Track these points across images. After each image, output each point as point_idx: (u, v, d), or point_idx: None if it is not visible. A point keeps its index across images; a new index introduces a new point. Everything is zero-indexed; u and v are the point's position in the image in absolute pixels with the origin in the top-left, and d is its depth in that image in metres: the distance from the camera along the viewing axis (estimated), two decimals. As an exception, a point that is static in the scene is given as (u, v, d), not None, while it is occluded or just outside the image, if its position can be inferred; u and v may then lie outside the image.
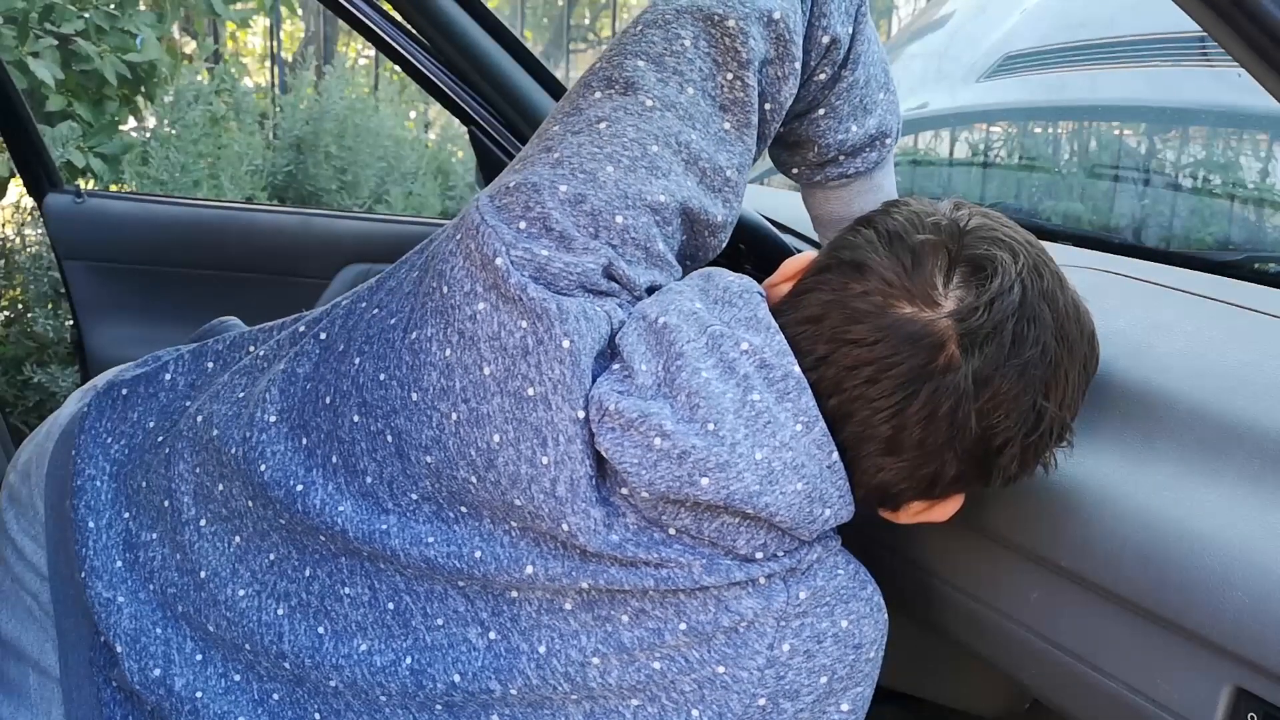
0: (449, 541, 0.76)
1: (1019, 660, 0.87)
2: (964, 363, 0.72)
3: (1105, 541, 0.76)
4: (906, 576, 0.98)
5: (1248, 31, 0.64)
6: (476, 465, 0.74)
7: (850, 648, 0.77)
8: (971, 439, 0.73)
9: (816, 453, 0.73)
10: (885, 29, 6.04)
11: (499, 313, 0.74)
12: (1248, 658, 0.68)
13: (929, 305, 0.73)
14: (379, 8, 1.59)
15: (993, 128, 1.85)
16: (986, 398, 0.72)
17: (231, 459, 0.82)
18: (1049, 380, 0.74)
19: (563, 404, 0.73)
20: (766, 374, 0.73)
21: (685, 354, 0.73)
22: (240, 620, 0.81)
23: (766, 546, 0.74)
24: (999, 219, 0.78)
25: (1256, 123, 1.42)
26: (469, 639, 0.77)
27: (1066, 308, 0.76)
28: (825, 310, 0.75)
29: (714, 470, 0.71)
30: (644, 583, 0.74)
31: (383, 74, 4.44)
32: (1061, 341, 0.75)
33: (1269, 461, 0.71)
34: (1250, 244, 1.37)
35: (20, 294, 2.70)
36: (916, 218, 0.76)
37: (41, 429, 0.96)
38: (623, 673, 0.75)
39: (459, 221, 0.79)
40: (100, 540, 0.86)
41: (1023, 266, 0.74)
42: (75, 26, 2.62)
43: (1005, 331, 0.72)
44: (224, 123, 3.31)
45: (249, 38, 4.79)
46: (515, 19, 5.82)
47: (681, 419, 0.71)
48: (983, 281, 0.73)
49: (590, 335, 0.74)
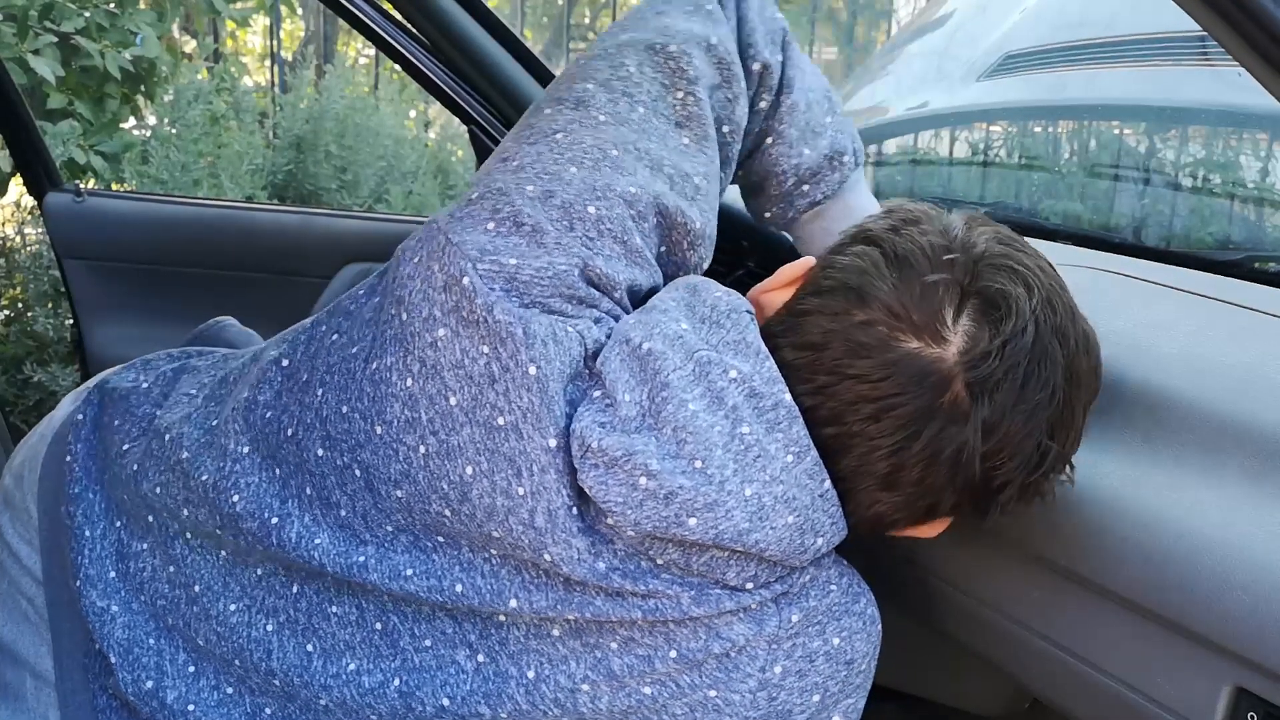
0: (428, 574, 0.75)
1: (1019, 660, 0.87)
2: (973, 410, 0.69)
3: (1105, 541, 0.76)
4: (906, 576, 0.98)
5: (1248, 31, 0.64)
6: (450, 499, 0.73)
7: (842, 664, 0.75)
8: (972, 478, 0.72)
9: (809, 483, 0.71)
10: (885, 29, 6.04)
11: (459, 339, 0.72)
12: (1248, 658, 0.68)
13: (936, 341, 0.70)
14: (379, 7, 1.59)
15: (993, 127, 1.85)
16: (992, 444, 0.71)
17: (201, 486, 0.81)
18: (1055, 421, 0.72)
19: (534, 433, 0.71)
20: (756, 404, 0.71)
21: (671, 384, 0.70)
22: (231, 635, 0.80)
23: (757, 577, 0.73)
24: (1013, 240, 0.75)
25: (1256, 122, 1.42)
26: (457, 661, 0.75)
27: (1078, 342, 0.73)
28: (826, 339, 0.72)
29: (702, 510, 0.69)
30: (631, 614, 0.72)
31: (383, 73, 4.44)
32: (1071, 380, 0.72)
33: (1269, 461, 0.71)
34: (1250, 244, 1.37)
35: (20, 293, 2.70)
36: (930, 248, 0.72)
37: (35, 432, 0.96)
38: (613, 698, 0.73)
39: (417, 244, 0.76)
40: (95, 550, 0.85)
41: (1037, 303, 0.71)
42: (76, 24, 2.62)
43: (1017, 375, 0.70)
44: (224, 122, 3.31)
45: (249, 37, 4.79)
46: (515, 18, 5.82)
47: (668, 455, 0.69)
48: (995, 322, 0.70)
49: (559, 360, 0.71)
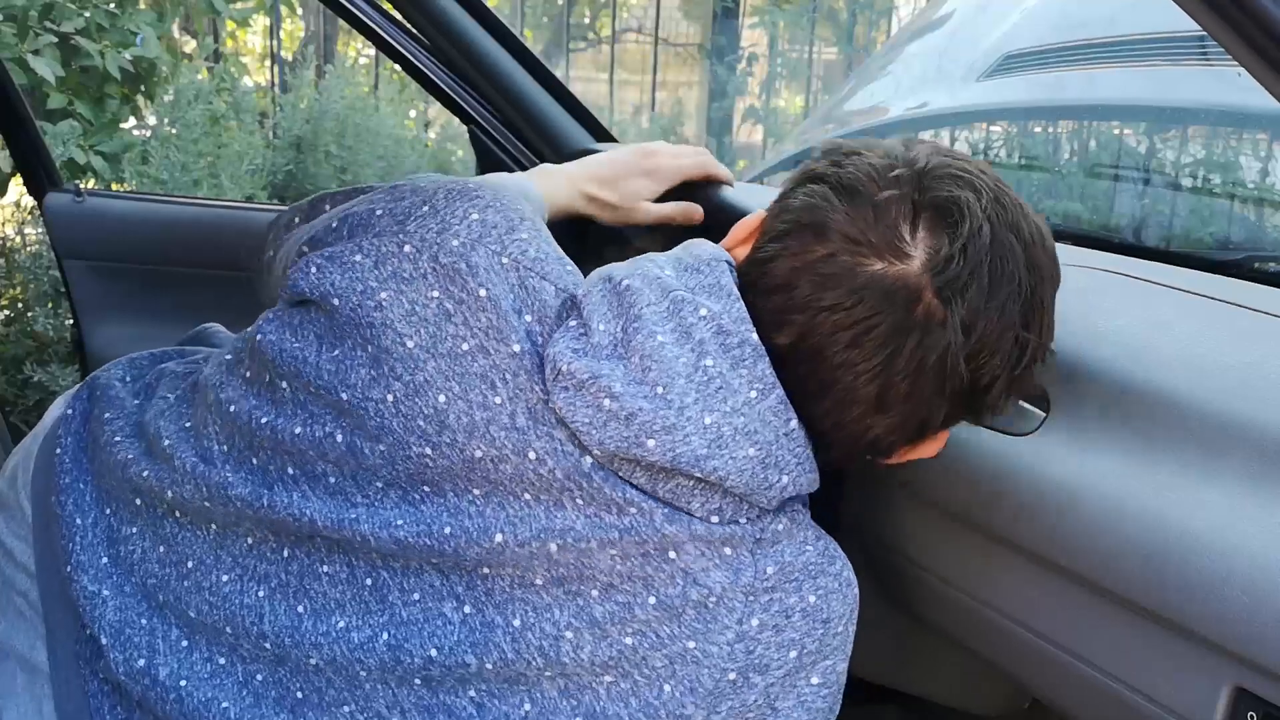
0: (418, 522, 0.77)
1: (1019, 660, 0.87)
2: (949, 313, 0.72)
3: (1105, 541, 0.76)
4: (907, 576, 0.98)
5: (1248, 31, 0.64)
6: (428, 434, 0.76)
7: (819, 622, 0.77)
8: (959, 382, 0.74)
9: (772, 419, 0.74)
10: (885, 29, 6.04)
11: (404, 295, 0.77)
12: (1248, 658, 0.68)
13: (899, 258, 0.72)
14: (379, 7, 1.59)
15: (993, 127, 1.85)
16: (972, 343, 0.73)
17: (185, 466, 0.84)
18: (1027, 312, 0.74)
19: (498, 345, 0.75)
20: (723, 340, 0.74)
21: (643, 316, 0.74)
22: (223, 604, 0.82)
23: (722, 511, 0.75)
24: (952, 153, 0.78)
25: (1256, 123, 1.42)
26: (444, 613, 0.78)
27: (1032, 233, 0.76)
28: (792, 278, 0.75)
29: (660, 433, 0.72)
30: (609, 535, 0.74)
31: (383, 73, 4.44)
32: (1033, 270, 0.75)
33: (1269, 461, 0.71)
34: (1250, 244, 1.37)
35: (20, 293, 2.70)
36: (874, 170, 0.75)
37: (29, 435, 0.98)
38: (595, 648, 0.75)
39: (290, 310, 0.83)
40: (87, 537, 0.87)
41: (986, 203, 0.74)
42: (76, 24, 2.62)
43: (982, 273, 0.72)
44: (224, 122, 3.30)
45: (249, 37, 4.79)
46: (515, 18, 5.82)
47: (633, 380, 0.73)
48: (951, 228, 0.73)
49: (502, 283, 0.77)
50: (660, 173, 1.15)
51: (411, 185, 0.85)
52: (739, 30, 5.92)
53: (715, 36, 5.96)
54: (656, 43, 5.72)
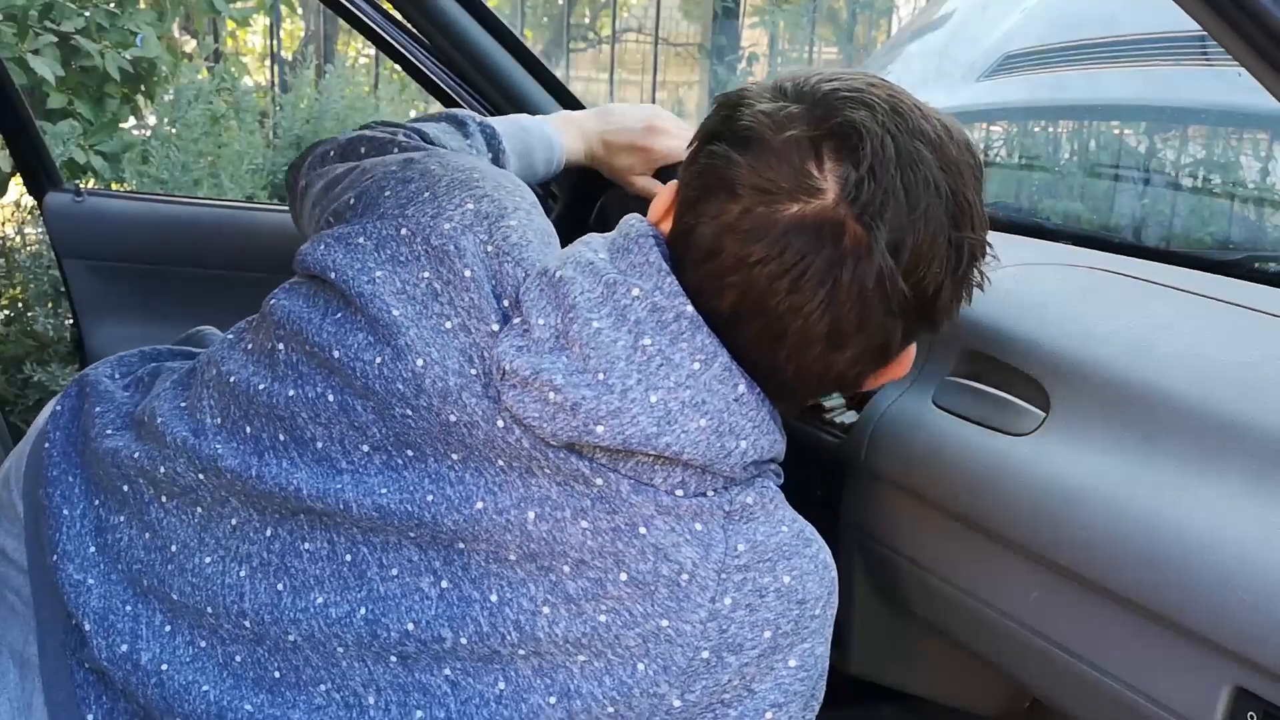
0: (401, 489, 0.79)
1: (1019, 660, 0.87)
2: (872, 237, 0.71)
3: (1105, 541, 0.76)
4: (906, 576, 0.98)
5: (1248, 31, 0.64)
6: (406, 396, 0.78)
7: (794, 603, 0.77)
8: (906, 299, 0.74)
9: (719, 387, 0.75)
10: (885, 28, 6.04)
11: (397, 275, 0.81)
12: (1248, 658, 0.68)
13: (812, 195, 0.72)
14: (379, 7, 1.59)
15: (993, 127, 1.85)
16: (906, 259, 0.72)
17: (176, 440, 0.86)
18: (954, 213, 0.74)
19: (479, 324, 0.78)
20: (659, 317, 0.75)
21: (578, 305, 0.75)
22: (205, 585, 0.83)
23: (686, 484, 0.75)
24: (839, 74, 0.77)
25: (1256, 122, 1.42)
26: (421, 588, 0.79)
27: (937, 133, 0.75)
28: (716, 242, 0.75)
29: (606, 418, 0.73)
30: (581, 503, 0.76)
31: (383, 73, 4.44)
32: (948, 169, 0.74)
33: (1269, 461, 0.71)
34: (1250, 244, 1.37)
35: (20, 293, 2.70)
36: (765, 116, 0.75)
37: (24, 438, 0.99)
38: (570, 624, 0.76)
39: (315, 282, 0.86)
40: (75, 528, 0.88)
41: (882, 117, 0.73)
42: (76, 24, 2.62)
43: (896, 190, 0.72)
44: (224, 121, 3.30)
45: (249, 36, 4.79)
46: (515, 18, 5.82)
47: (575, 370, 0.74)
48: (853, 151, 0.72)
49: (483, 268, 0.80)
50: (654, 153, 1.19)
51: (422, 167, 0.88)
52: (739, 30, 5.91)
53: (715, 36, 5.96)
54: (657, 43, 5.72)
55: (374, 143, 0.99)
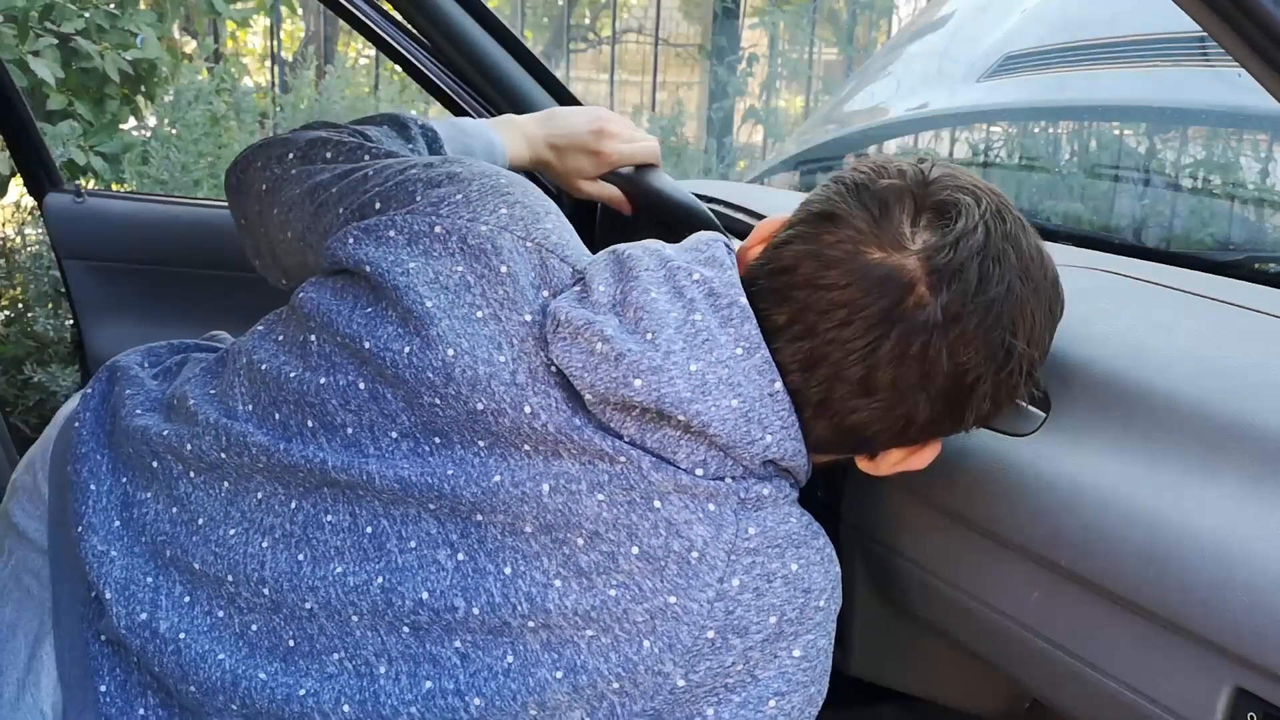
0: (424, 471, 0.81)
1: (1019, 660, 0.87)
2: (932, 299, 0.75)
3: (1106, 541, 0.76)
4: (906, 576, 0.98)
5: (1248, 31, 0.64)
6: (435, 385, 0.80)
7: (800, 591, 0.79)
8: (943, 377, 0.77)
9: (756, 378, 0.77)
10: (885, 29, 6.04)
11: (430, 266, 0.83)
12: (1248, 658, 0.68)
13: (897, 250, 0.77)
14: (379, 8, 1.59)
15: (993, 128, 1.85)
16: (955, 334, 0.76)
17: (205, 420, 0.88)
18: (1015, 318, 0.77)
19: (511, 314, 0.81)
20: (713, 301, 0.79)
21: (640, 278, 0.80)
22: (227, 554, 0.85)
23: (707, 464, 0.78)
24: (961, 170, 0.82)
25: (1256, 123, 1.42)
26: (438, 560, 0.80)
27: (1030, 251, 0.80)
28: (798, 260, 0.79)
29: (646, 373, 0.76)
30: (599, 478, 0.78)
31: (383, 74, 4.44)
32: (1026, 281, 0.78)
33: (1269, 461, 0.71)
34: (1250, 244, 1.37)
35: (20, 294, 2.70)
36: (881, 168, 0.81)
37: (48, 426, 1.00)
38: (580, 597, 0.77)
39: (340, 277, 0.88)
40: (101, 502, 0.90)
41: (986, 210, 0.78)
42: (76, 25, 2.62)
43: (970, 269, 0.76)
44: (224, 122, 3.31)
45: (249, 37, 4.79)
46: (515, 19, 5.81)
47: (625, 329, 0.78)
48: (947, 223, 0.77)
49: (524, 262, 0.83)
50: (605, 157, 1.20)
51: (448, 171, 0.90)
52: (739, 31, 5.91)
53: (715, 37, 5.95)
54: (657, 43, 5.72)
55: (339, 147, 0.98)
